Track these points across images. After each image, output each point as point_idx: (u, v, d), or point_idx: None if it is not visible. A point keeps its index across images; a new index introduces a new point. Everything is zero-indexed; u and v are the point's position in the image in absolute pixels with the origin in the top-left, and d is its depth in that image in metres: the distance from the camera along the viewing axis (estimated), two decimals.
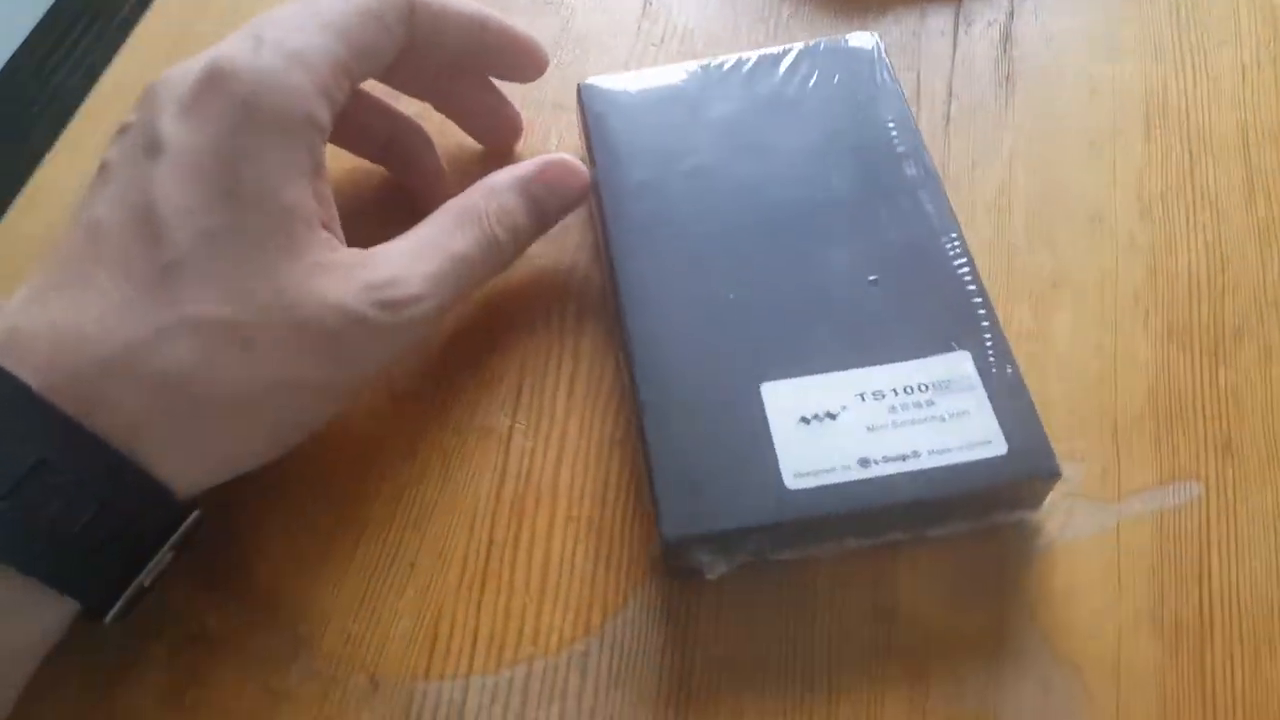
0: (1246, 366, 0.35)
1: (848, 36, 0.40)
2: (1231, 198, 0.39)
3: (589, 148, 0.39)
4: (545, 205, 0.35)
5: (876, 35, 0.40)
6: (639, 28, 0.46)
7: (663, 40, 0.45)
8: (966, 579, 0.32)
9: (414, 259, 0.32)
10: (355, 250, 0.31)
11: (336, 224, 0.32)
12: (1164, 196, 0.39)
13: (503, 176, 0.35)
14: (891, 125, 0.37)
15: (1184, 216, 0.38)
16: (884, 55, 0.39)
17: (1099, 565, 0.32)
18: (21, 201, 0.42)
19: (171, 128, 0.29)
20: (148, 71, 0.33)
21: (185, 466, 0.28)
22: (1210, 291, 0.37)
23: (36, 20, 0.52)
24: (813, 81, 0.39)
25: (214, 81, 0.29)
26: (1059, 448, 0.31)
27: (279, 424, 0.30)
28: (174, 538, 0.29)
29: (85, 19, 0.52)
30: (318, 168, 0.31)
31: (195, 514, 0.29)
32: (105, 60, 0.48)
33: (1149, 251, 0.38)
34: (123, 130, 0.30)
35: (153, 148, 0.29)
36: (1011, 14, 0.44)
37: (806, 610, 0.32)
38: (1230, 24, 0.44)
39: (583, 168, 0.36)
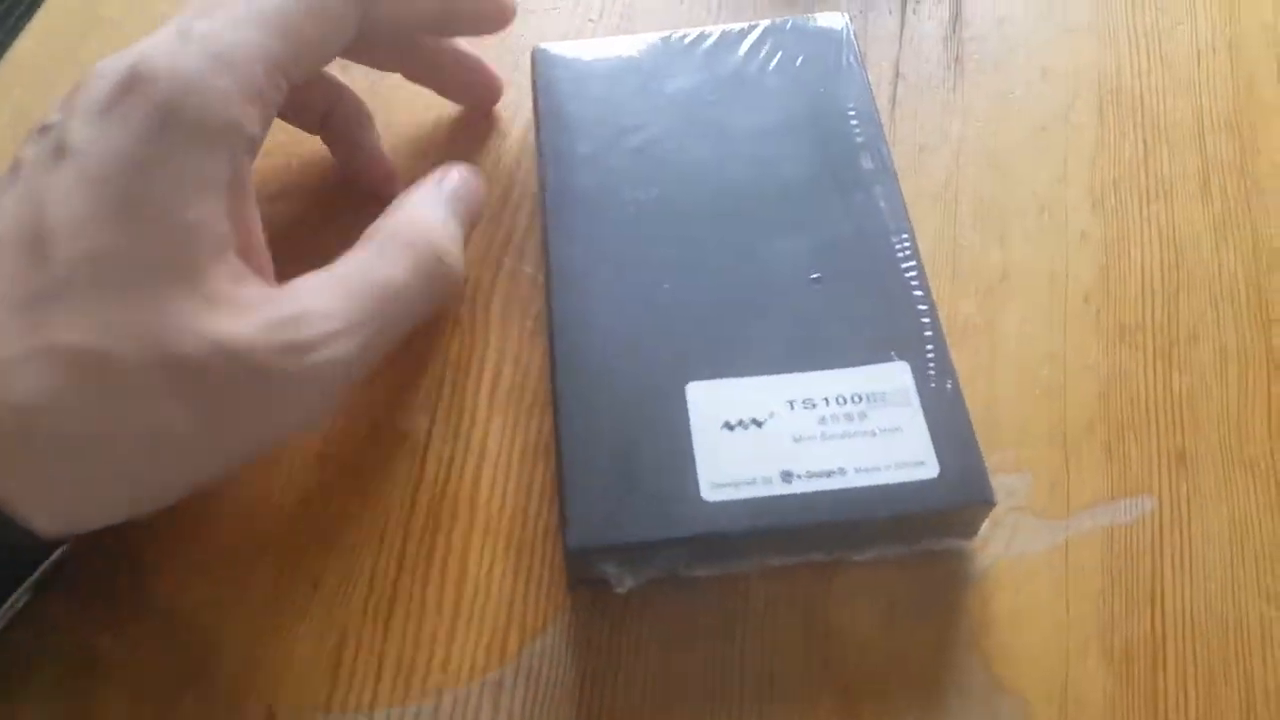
0: (1202, 370, 0.33)
1: (816, 16, 0.38)
2: (1186, 187, 0.37)
3: (536, 116, 0.37)
4: (470, 219, 0.33)
5: (848, 16, 0.38)
6: (575, 4, 0.43)
7: (601, 15, 0.43)
8: (905, 600, 0.30)
9: (331, 292, 0.28)
10: (266, 285, 0.28)
11: (259, 250, 0.29)
12: (1116, 186, 0.37)
13: (425, 193, 0.32)
14: (852, 113, 0.35)
15: (1137, 208, 0.37)
16: (852, 37, 0.37)
17: (1046, 586, 0.30)
18: None
19: (82, 132, 0.26)
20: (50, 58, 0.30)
21: (46, 507, 0.25)
22: (1164, 289, 0.35)
23: None
24: (775, 61, 0.37)
25: (132, 83, 0.26)
26: (1005, 457, 0.29)
27: (146, 478, 0.27)
28: (33, 577, 0.26)
29: None
30: (237, 183, 0.28)
31: (61, 549, 0.26)
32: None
33: (1101, 246, 0.36)
34: (43, 130, 0.27)
35: (60, 151, 0.26)
36: None
37: (734, 634, 0.30)
38: (1185, 6, 0.42)
39: (483, 179, 0.35)
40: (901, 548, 0.30)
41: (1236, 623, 0.29)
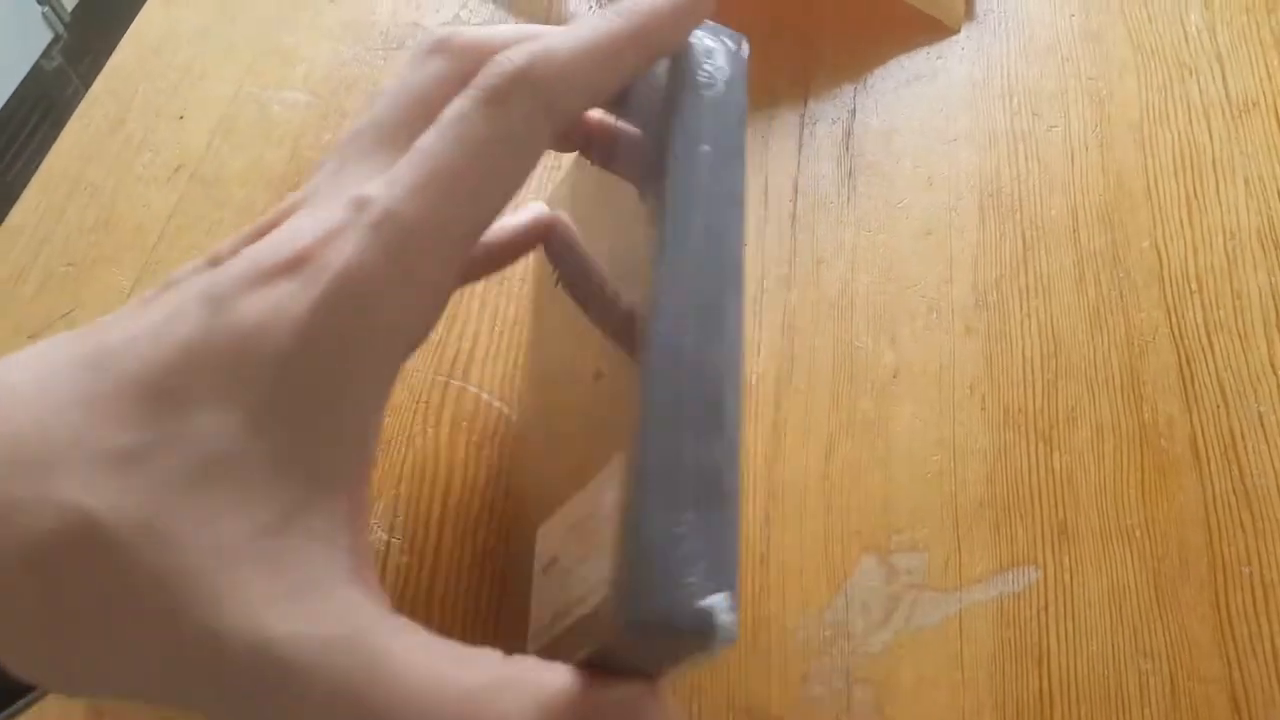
0: (1080, 449, 0.37)
1: None
2: (1063, 281, 0.41)
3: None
4: None
5: None
6: None
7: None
8: (815, 672, 0.33)
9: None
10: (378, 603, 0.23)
11: (365, 478, 0.25)
12: (999, 284, 0.41)
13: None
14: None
15: (1018, 303, 0.40)
16: None
17: (943, 655, 0.33)
18: None
19: (241, 296, 0.23)
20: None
21: (14, 652, 0.22)
22: (1044, 375, 0.38)
23: None
24: None
25: (296, 264, 0.23)
26: (902, 539, 0.32)
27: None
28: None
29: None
30: (379, 399, 0.24)
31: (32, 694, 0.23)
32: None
33: (984, 339, 0.39)
34: (212, 260, 0.25)
35: (211, 302, 0.23)
36: (854, 111, 0.46)
37: None
38: (1059, 107, 0.46)
39: None
40: None
41: (1117, 680, 0.32)
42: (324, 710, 0.21)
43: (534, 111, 0.25)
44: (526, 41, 0.25)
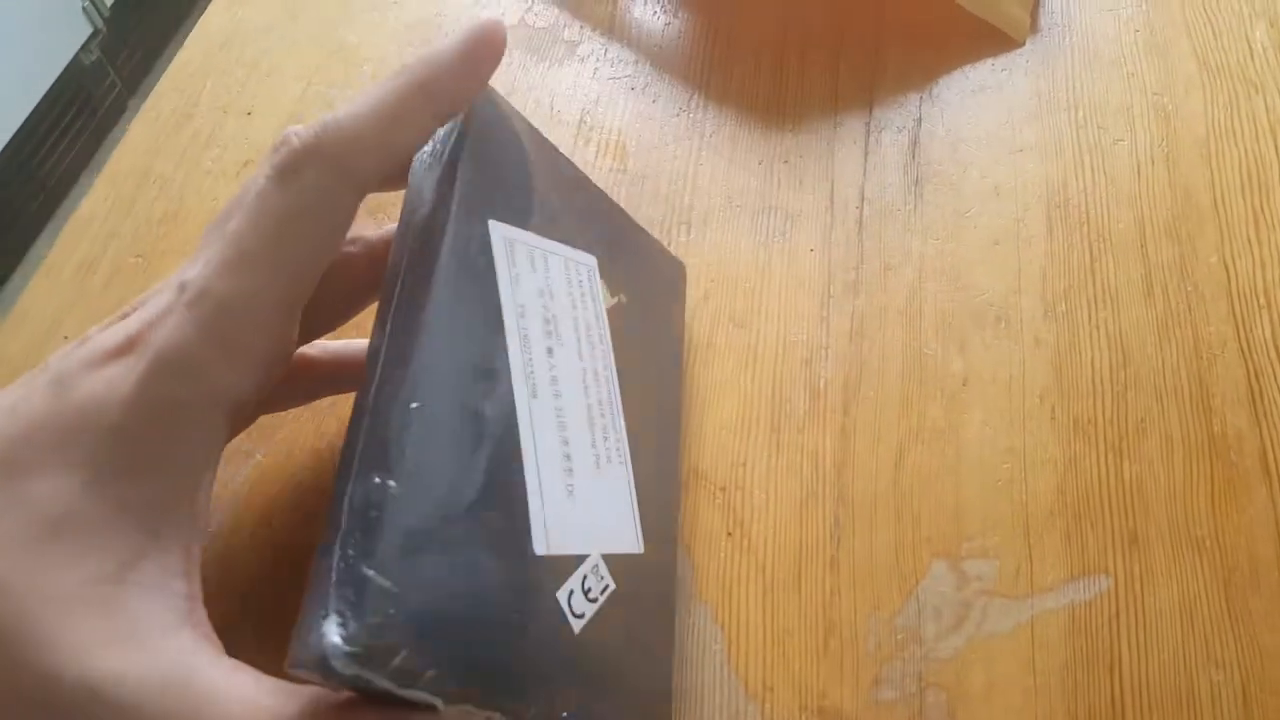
0: (1150, 458, 0.37)
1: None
2: (1131, 293, 0.41)
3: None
4: None
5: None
6: (574, 146, 0.48)
7: (597, 157, 0.47)
8: (886, 676, 0.33)
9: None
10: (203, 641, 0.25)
11: (198, 535, 0.27)
12: (1067, 294, 0.41)
13: None
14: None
15: (1086, 314, 0.40)
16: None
17: (1015, 661, 0.33)
18: (7, 324, 0.43)
19: (81, 374, 0.26)
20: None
21: None
22: (1113, 386, 0.38)
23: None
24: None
25: (128, 346, 0.26)
26: (973, 546, 0.32)
27: None
28: None
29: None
30: (206, 461, 0.27)
31: None
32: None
33: (1054, 349, 0.39)
34: (80, 342, 0.28)
35: (59, 384, 0.26)
36: (919, 120, 0.47)
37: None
38: (1125, 121, 0.46)
39: None
40: None
41: (1188, 688, 0.33)
42: None
43: (327, 179, 0.27)
44: (317, 119, 0.27)
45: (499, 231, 0.29)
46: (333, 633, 0.21)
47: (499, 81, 0.50)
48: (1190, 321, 0.40)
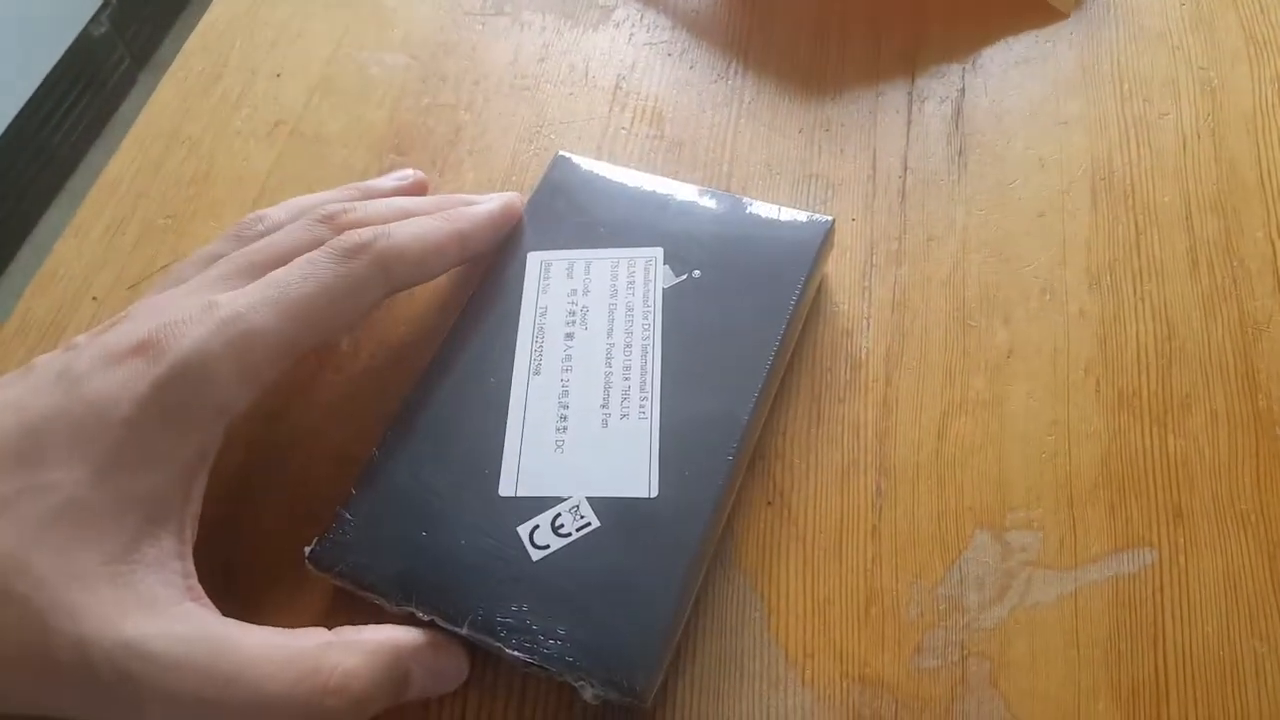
0: (1195, 433, 0.37)
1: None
2: (1176, 267, 0.40)
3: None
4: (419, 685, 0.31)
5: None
6: (609, 112, 0.47)
7: (632, 124, 0.47)
8: (928, 646, 0.33)
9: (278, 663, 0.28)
10: (193, 602, 0.29)
11: (193, 517, 0.30)
12: (1111, 267, 0.40)
13: (379, 632, 0.30)
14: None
15: (1131, 287, 0.40)
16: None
17: (1058, 632, 0.33)
18: (35, 284, 0.43)
19: (90, 371, 0.29)
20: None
21: None
22: (1158, 360, 0.38)
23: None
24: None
25: (146, 346, 0.29)
26: (1017, 517, 0.32)
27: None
28: None
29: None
30: (201, 459, 0.30)
31: None
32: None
33: (1098, 322, 0.39)
34: (68, 348, 0.31)
35: (64, 377, 0.29)
36: (963, 91, 0.46)
37: (779, 681, 0.33)
38: (1170, 95, 0.45)
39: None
40: None
41: (1232, 661, 0.32)
42: (180, 686, 0.26)
43: (373, 270, 0.33)
44: (375, 226, 0.34)
45: (536, 258, 0.39)
46: (309, 550, 0.33)
47: (533, 46, 0.49)
48: (1235, 296, 0.40)
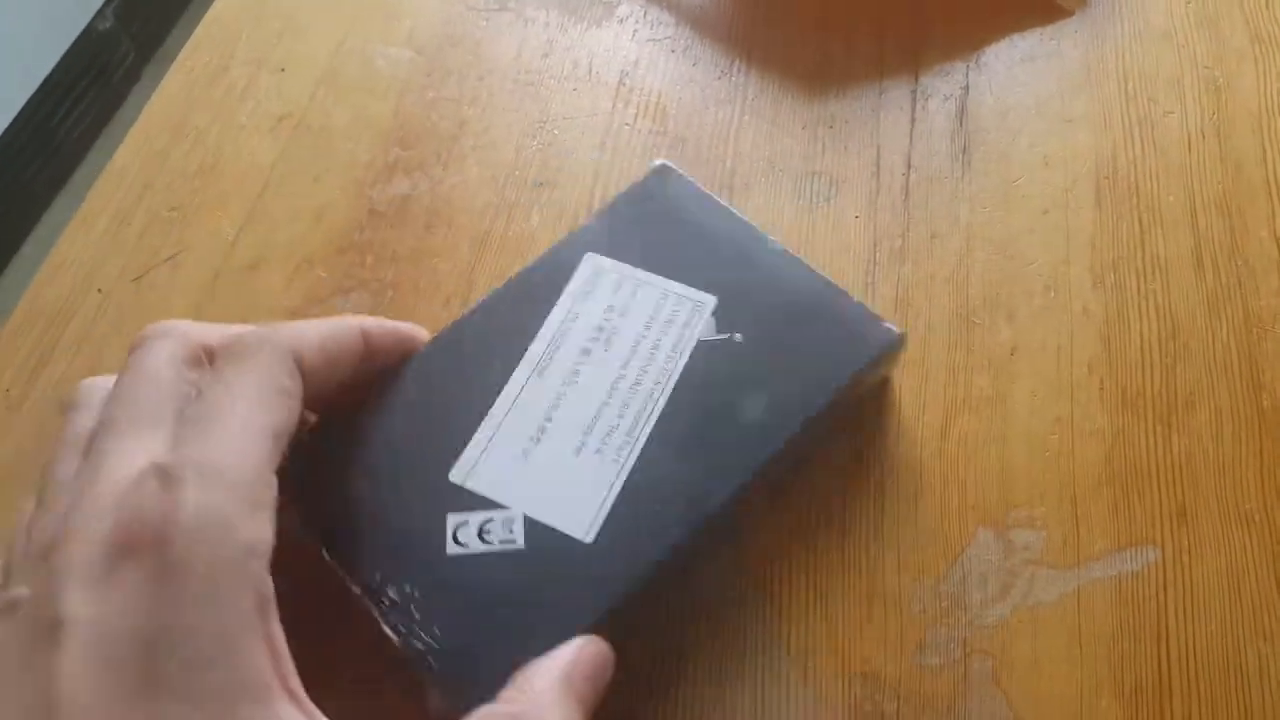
0: (1198, 432, 0.36)
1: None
2: (1181, 266, 0.40)
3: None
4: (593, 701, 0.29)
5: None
6: (613, 108, 0.47)
7: (635, 119, 0.47)
8: (930, 643, 0.33)
9: None
10: None
11: (290, 669, 0.25)
12: (1116, 265, 0.40)
13: (543, 678, 0.28)
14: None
15: (1135, 285, 0.40)
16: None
17: (1061, 631, 0.33)
18: (42, 274, 0.43)
19: (80, 606, 0.23)
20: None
21: None
22: (1162, 359, 0.38)
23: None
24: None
25: (127, 547, 0.24)
26: (1019, 515, 0.32)
27: None
28: None
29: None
30: (264, 606, 0.25)
31: None
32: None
33: (1102, 320, 0.39)
34: (12, 605, 0.24)
35: (55, 627, 0.23)
36: (967, 88, 0.46)
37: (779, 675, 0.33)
38: (1175, 94, 0.45)
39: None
40: None
41: (1235, 659, 0.32)
42: None
43: (282, 359, 0.29)
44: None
45: (591, 261, 0.37)
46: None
47: (537, 41, 0.49)
48: (1240, 295, 0.39)
